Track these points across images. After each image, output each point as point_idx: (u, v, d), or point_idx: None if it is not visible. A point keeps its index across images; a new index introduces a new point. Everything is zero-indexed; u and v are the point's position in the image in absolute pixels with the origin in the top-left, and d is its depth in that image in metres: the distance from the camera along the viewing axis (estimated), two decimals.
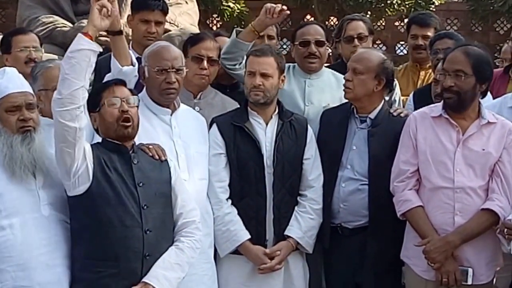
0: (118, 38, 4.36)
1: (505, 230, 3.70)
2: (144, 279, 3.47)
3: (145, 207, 3.53)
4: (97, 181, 3.46)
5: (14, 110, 3.45)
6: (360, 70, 4.20)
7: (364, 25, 5.30)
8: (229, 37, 5.02)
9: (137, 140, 3.70)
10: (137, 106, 3.72)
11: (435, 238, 3.85)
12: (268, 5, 4.60)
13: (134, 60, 4.35)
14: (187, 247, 3.65)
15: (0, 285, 3.45)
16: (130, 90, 3.76)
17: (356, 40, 5.16)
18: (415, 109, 4.52)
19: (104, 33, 4.54)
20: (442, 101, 4.09)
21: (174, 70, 4.03)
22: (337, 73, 4.96)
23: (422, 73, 5.56)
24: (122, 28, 4.51)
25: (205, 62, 4.28)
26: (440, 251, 3.83)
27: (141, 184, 3.56)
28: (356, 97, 4.25)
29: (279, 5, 4.61)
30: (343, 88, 4.40)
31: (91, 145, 3.61)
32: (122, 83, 3.76)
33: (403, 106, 4.97)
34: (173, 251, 3.62)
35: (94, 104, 3.61)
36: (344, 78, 4.33)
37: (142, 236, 3.51)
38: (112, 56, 4.35)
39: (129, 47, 4.88)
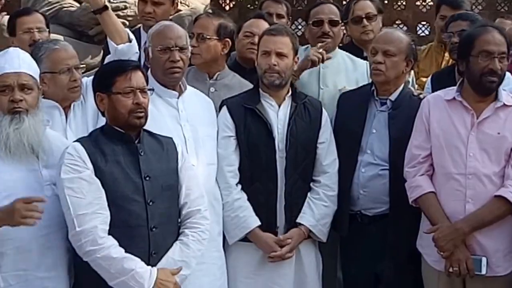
0: (104, 15, 4.93)
1: None
2: None
3: (151, 202, 3.99)
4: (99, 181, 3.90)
5: (5, 90, 3.93)
6: (393, 52, 4.69)
7: (372, 4, 5.75)
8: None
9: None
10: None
11: (444, 225, 4.31)
12: None
13: (132, 36, 4.87)
14: (192, 240, 4.10)
15: (5, 265, 3.91)
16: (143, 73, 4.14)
17: (364, 20, 5.63)
18: (433, 91, 4.92)
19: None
20: (458, 84, 4.54)
21: (177, 48, 4.54)
22: (352, 55, 5.42)
23: (447, 54, 5.83)
24: (105, 3, 4.99)
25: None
26: (448, 239, 4.27)
27: (147, 178, 4.00)
28: (387, 80, 4.73)
29: None
30: (368, 72, 4.93)
31: (85, 142, 3.98)
32: (139, 67, 4.13)
33: (423, 89, 5.35)
34: (177, 247, 4.05)
35: (104, 85, 4.02)
36: (373, 61, 4.75)
37: (148, 234, 3.98)
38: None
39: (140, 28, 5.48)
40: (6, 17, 5.92)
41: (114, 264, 3.80)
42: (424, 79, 5.56)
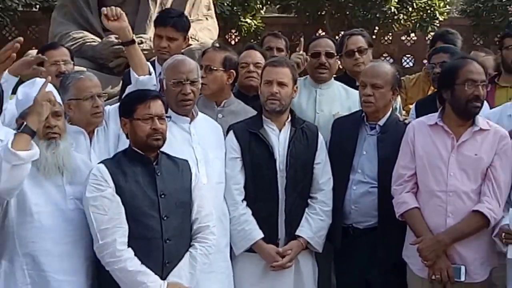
0: (131, 48, 5.04)
1: (503, 234, 4.34)
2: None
3: (165, 217, 4.20)
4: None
5: None
6: (380, 84, 4.87)
7: (363, 39, 5.97)
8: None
9: None
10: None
11: (427, 238, 4.49)
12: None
13: (151, 69, 4.99)
14: (200, 254, 4.31)
15: (23, 268, 4.09)
16: (162, 101, 4.36)
17: (356, 54, 5.82)
18: (417, 117, 5.08)
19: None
20: (440, 110, 4.73)
21: (189, 82, 4.69)
22: (346, 86, 5.63)
23: (429, 84, 6.02)
24: (133, 38, 5.11)
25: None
26: (431, 249, 4.46)
27: (163, 196, 4.21)
28: (377, 110, 4.92)
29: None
30: (359, 101, 5.05)
31: (108, 164, 4.22)
32: (158, 96, 4.37)
33: (408, 115, 5.55)
34: (187, 261, 4.27)
35: (127, 111, 4.28)
36: (361, 94, 4.96)
37: (162, 246, 4.18)
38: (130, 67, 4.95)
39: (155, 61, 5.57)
40: (35, 51, 5.90)
41: (129, 276, 4.07)
42: (411, 106, 5.72)
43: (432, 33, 6.64)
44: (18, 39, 3.46)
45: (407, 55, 10.95)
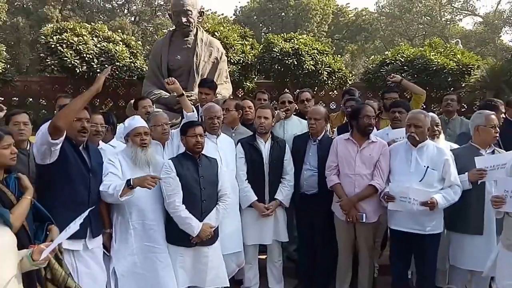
0: (182, 98, 5.00)
1: (385, 197, 4.28)
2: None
3: (203, 189, 4.15)
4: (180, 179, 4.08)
5: (138, 135, 4.08)
6: (319, 118, 4.79)
7: (308, 93, 5.81)
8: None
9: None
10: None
11: (345, 198, 4.47)
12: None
13: (194, 110, 4.95)
14: (221, 208, 4.26)
15: (131, 216, 4.03)
16: (202, 126, 4.34)
17: (305, 102, 5.71)
18: (339, 135, 4.94)
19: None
20: (351, 130, 4.62)
21: (216, 117, 4.67)
22: (300, 118, 5.53)
23: (345, 118, 5.79)
24: (183, 92, 5.09)
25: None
26: (347, 205, 4.46)
27: (202, 177, 4.16)
28: (317, 132, 4.81)
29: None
30: (307, 127, 4.91)
31: (173, 160, 4.16)
32: (199, 124, 4.35)
33: (333, 133, 5.43)
34: (214, 211, 4.20)
35: (183, 132, 4.25)
36: (309, 123, 4.84)
37: (201, 203, 4.14)
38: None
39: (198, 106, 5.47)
40: (132, 101, 5.92)
41: (181, 219, 4.06)
42: (334, 129, 5.62)
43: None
44: (112, 66, 3.33)
45: (332, 102, 10.59)
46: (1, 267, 2.54)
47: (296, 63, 10.11)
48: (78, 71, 9.68)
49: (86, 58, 9.78)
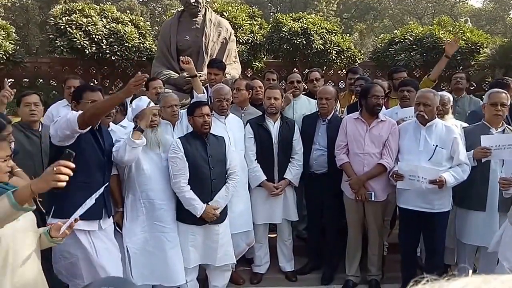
0: (195, 79, 5.08)
1: (394, 176, 4.26)
2: (211, 202, 4.18)
3: (212, 168, 4.19)
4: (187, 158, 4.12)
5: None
6: (329, 97, 4.79)
7: (318, 73, 5.81)
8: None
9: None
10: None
11: (354, 177, 4.49)
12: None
13: (204, 90, 5.02)
14: (231, 186, 4.30)
15: (140, 198, 4.08)
16: (209, 106, 4.33)
17: (314, 81, 5.72)
18: (348, 114, 4.95)
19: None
20: (360, 109, 4.60)
21: (225, 99, 4.65)
22: (309, 98, 5.51)
23: (353, 97, 5.76)
24: (196, 74, 5.17)
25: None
26: (356, 183, 4.47)
27: (210, 156, 4.20)
28: (328, 111, 4.82)
29: None
30: (317, 106, 4.96)
31: (181, 139, 4.19)
32: (206, 104, 4.36)
33: (342, 113, 5.39)
34: (223, 189, 4.24)
35: (191, 112, 4.23)
36: (319, 103, 4.84)
37: (210, 182, 4.20)
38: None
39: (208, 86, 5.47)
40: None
41: (185, 200, 4.14)
42: (343, 109, 5.58)
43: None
44: (145, 75, 3.34)
45: (341, 81, 10.49)
46: (23, 244, 2.61)
47: (304, 42, 10.04)
48: (87, 52, 9.66)
49: (95, 39, 9.75)
